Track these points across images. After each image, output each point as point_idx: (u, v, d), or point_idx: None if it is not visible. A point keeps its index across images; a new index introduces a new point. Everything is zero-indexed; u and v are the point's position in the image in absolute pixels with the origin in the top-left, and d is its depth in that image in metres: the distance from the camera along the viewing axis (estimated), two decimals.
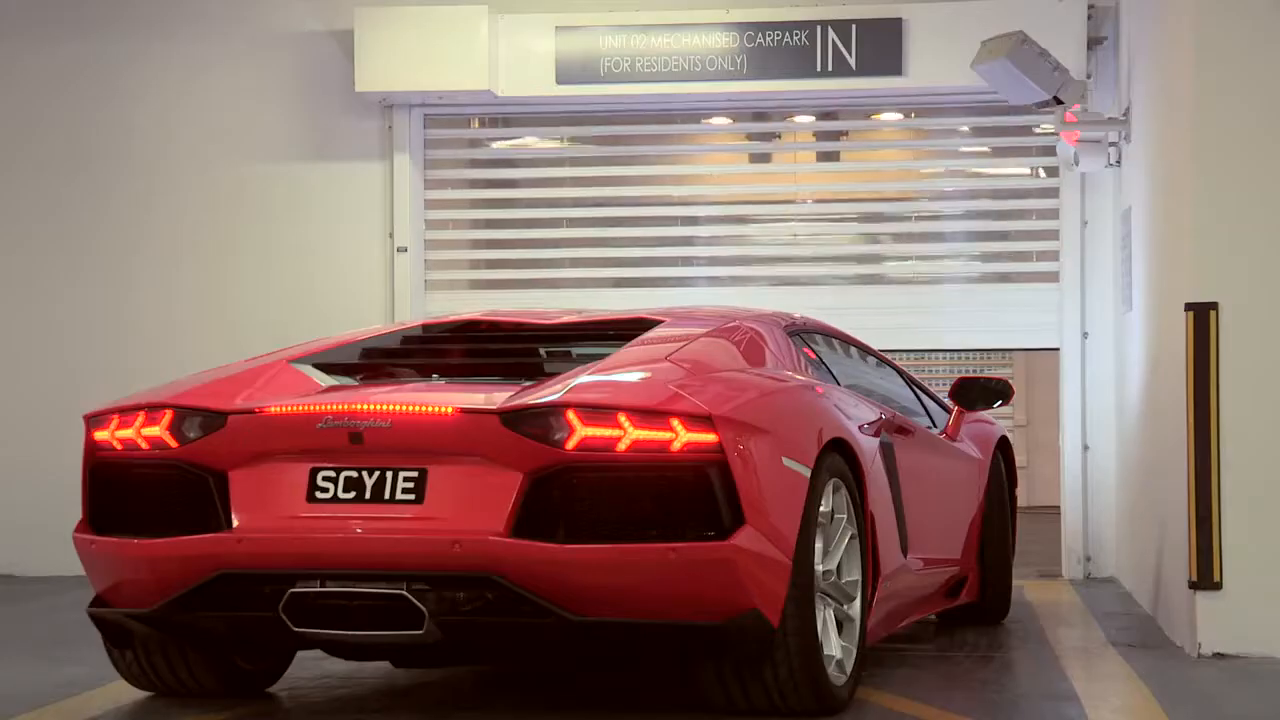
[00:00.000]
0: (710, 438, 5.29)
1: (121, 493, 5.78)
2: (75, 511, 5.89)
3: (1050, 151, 10.35)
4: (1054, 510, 10.97)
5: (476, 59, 10.25)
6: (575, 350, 6.33)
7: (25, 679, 6.76)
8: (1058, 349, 10.50)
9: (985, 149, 10.92)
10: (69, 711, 6.10)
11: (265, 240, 10.76)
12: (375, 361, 6.37)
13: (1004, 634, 7.98)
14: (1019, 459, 9.61)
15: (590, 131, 10.98)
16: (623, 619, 5.31)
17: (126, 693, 6.28)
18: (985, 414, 8.49)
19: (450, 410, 5.43)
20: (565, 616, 5.26)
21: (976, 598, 8.09)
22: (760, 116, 11.02)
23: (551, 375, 5.82)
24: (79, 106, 10.85)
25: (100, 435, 5.81)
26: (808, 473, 5.61)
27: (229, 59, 10.80)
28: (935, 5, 10.21)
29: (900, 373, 8.04)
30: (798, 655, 5.48)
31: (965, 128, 10.82)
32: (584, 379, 5.60)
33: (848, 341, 7.62)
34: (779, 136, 11.23)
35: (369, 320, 10.14)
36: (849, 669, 5.88)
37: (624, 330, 6.44)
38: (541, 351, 6.37)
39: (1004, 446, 8.43)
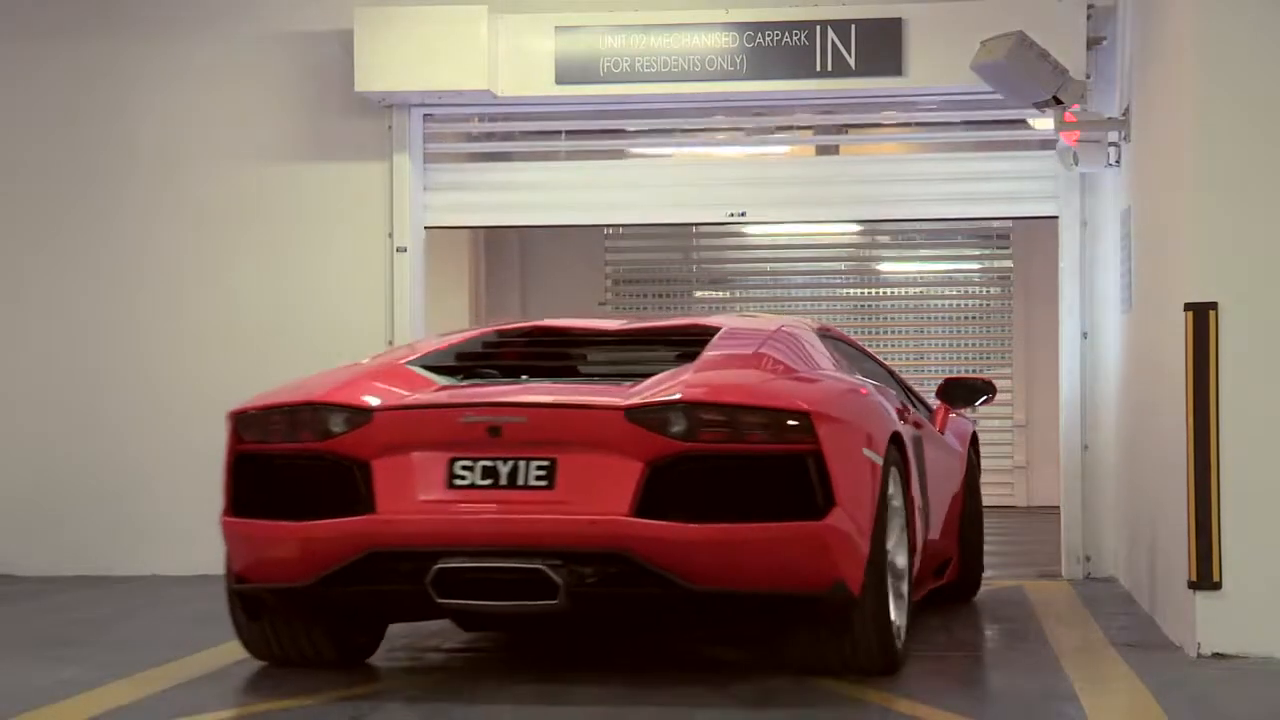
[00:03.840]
0: (808, 430, 5.98)
1: (267, 481, 6.34)
2: (75, 512, 5.92)
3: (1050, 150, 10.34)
4: (1054, 510, 10.96)
5: (476, 59, 10.23)
6: (651, 354, 7.00)
7: (25, 679, 6.77)
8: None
9: (985, 149, 10.90)
10: (69, 711, 6.10)
11: (265, 240, 10.74)
12: (471, 364, 6.95)
13: (1004, 634, 7.98)
14: (1018, 459, 9.66)
15: (590, 130, 10.97)
16: (733, 589, 5.99)
17: (127, 692, 6.30)
18: (965, 412, 9.22)
19: (580, 407, 6.13)
20: (684, 587, 5.92)
21: (955, 578, 8.69)
22: (760, 116, 11.01)
23: (648, 375, 6.44)
24: (78, 107, 10.83)
25: (245, 430, 6.39)
26: (880, 461, 6.39)
27: (230, 60, 10.78)
28: (935, 5, 10.20)
29: (890, 373, 8.46)
30: (872, 620, 6.27)
31: (965, 127, 10.80)
32: (689, 377, 6.27)
33: (848, 344, 8.04)
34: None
35: (368, 320, 10.33)
36: (902, 635, 6.66)
37: (690, 335, 7.14)
38: (623, 354, 7.11)
39: (974, 441, 9.20)
